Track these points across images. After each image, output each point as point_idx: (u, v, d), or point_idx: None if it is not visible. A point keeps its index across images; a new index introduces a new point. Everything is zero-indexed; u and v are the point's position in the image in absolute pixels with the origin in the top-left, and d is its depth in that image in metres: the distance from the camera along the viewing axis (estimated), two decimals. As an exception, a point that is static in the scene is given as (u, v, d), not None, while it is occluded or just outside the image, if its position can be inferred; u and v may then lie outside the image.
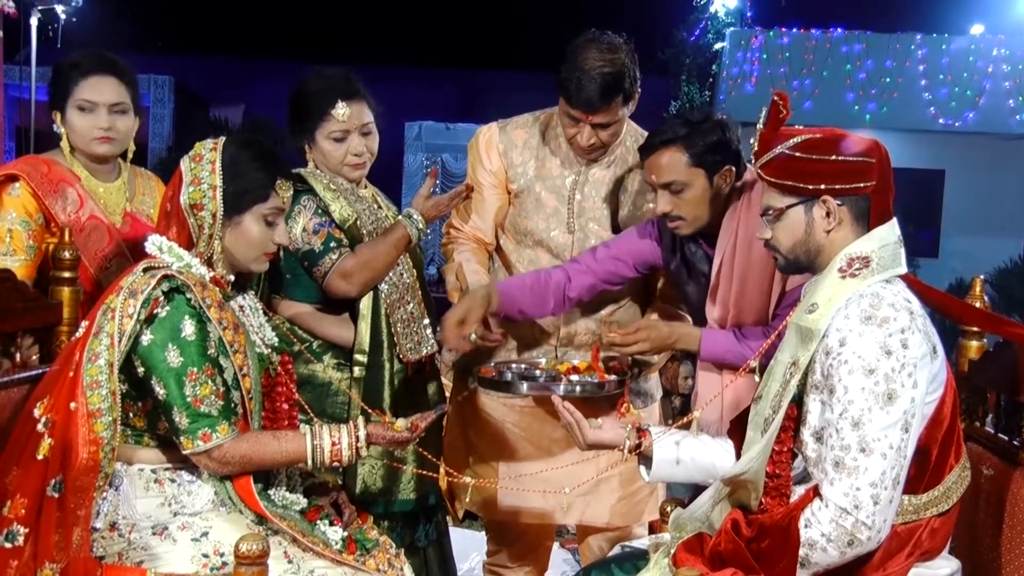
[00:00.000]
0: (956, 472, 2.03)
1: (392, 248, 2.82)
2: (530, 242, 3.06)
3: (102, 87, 2.79)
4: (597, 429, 2.38)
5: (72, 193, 2.76)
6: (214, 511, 2.24)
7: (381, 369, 2.86)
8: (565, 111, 2.88)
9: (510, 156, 3.05)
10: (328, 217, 2.81)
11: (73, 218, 2.73)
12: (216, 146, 2.31)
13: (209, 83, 17.70)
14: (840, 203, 2.03)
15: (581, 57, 2.80)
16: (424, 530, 3.02)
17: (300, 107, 2.89)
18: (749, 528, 2.00)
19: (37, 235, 2.72)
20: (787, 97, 2.09)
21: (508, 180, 3.06)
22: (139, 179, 2.99)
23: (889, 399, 1.88)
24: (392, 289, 2.88)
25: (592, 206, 3.01)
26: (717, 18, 14.15)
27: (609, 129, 2.89)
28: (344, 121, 2.83)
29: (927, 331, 1.95)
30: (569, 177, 3.01)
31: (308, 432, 2.26)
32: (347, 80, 2.88)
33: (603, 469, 2.87)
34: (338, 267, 2.76)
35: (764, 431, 2.05)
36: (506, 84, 17.19)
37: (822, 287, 2.03)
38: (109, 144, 2.82)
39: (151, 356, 2.14)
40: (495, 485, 3.04)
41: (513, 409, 3.10)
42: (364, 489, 2.84)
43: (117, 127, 2.81)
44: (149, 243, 2.27)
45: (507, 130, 3.08)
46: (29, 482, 2.09)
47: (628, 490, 3.09)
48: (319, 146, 2.87)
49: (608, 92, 2.79)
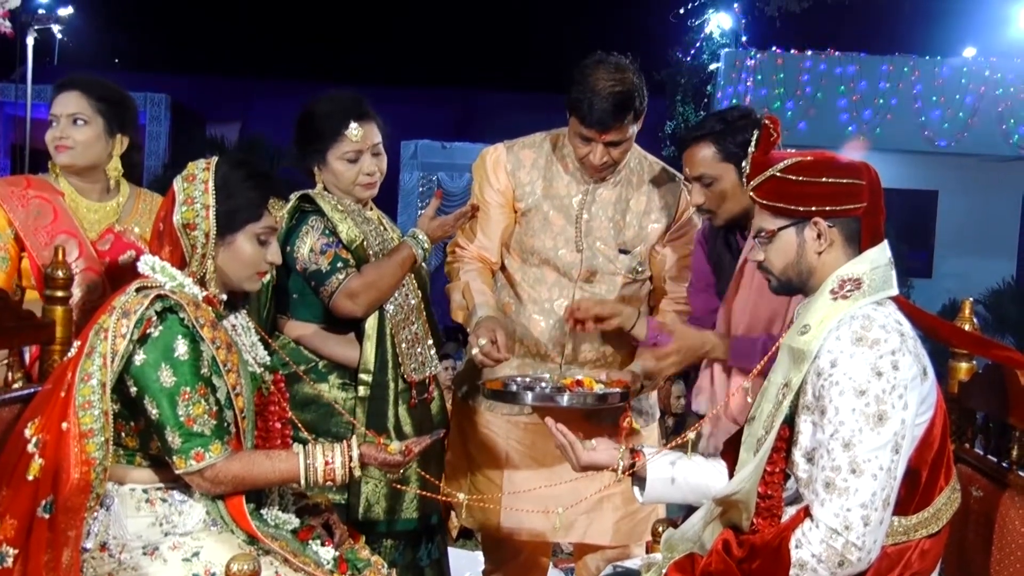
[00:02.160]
0: (946, 494, 2.03)
1: (398, 268, 2.85)
2: (536, 261, 3.07)
3: (65, 100, 2.88)
4: (591, 450, 2.38)
5: (46, 207, 2.82)
6: (205, 531, 2.23)
7: (386, 389, 2.88)
8: (577, 131, 2.92)
9: (518, 175, 3.07)
10: (335, 238, 2.83)
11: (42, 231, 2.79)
12: (209, 166, 2.32)
13: (205, 101, 17.74)
14: (831, 225, 2.04)
15: (592, 78, 2.84)
16: (426, 549, 3.03)
17: (311, 128, 2.91)
18: (740, 548, 2.00)
19: (10, 248, 2.78)
20: (778, 120, 2.12)
21: (516, 199, 3.09)
22: (140, 200, 3.02)
23: (880, 420, 1.89)
24: (397, 310, 2.90)
25: (599, 225, 3.04)
26: (712, 39, 14.23)
27: (620, 147, 2.94)
28: (357, 141, 2.87)
29: (918, 353, 1.96)
30: (576, 196, 3.05)
31: (301, 451, 2.26)
32: (358, 102, 2.92)
33: (606, 485, 2.87)
34: (344, 287, 2.78)
35: (756, 451, 2.06)
36: (502, 104, 17.26)
37: (814, 308, 2.04)
38: (66, 153, 2.86)
39: (144, 376, 2.14)
40: (498, 503, 3.04)
41: (516, 426, 3.10)
42: (368, 508, 2.85)
43: (73, 136, 2.86)
44: (142, 263, 2.27)
45: (514, 150, 3.11)
46: (19, 503, 2.08)
47: (630, 509, 3.09)
48: (331, 167, 2.89)
49: (620, 110, 2.84)
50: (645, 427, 3.15)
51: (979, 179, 13.07)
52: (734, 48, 13.80)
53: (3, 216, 2.78)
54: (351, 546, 2.44)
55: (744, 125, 2.66)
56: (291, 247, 2.82)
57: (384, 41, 20.65)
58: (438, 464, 3.06)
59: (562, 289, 3.05)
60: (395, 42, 20.68)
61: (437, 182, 15.54)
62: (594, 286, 3.04)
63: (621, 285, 3.06)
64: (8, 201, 2.79)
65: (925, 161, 13.02)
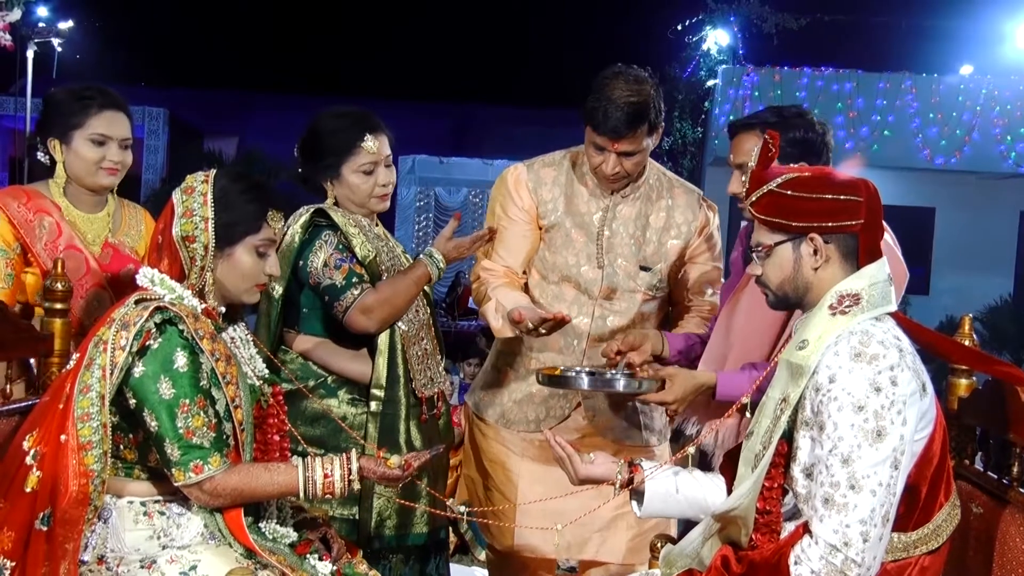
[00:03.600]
0: (946, 510, 2.03)
1: (413, 286, 2.85)
2: (555, 277, 3.07)
3: (116, 122, 2.86)
4: (589, 464, 2.38)
5: (49, 221, 2.79)
6: (203, 544, 2.23)
7: (398, 404, 2.88)
8: (591, 140, 2.93)
9: (540, 193, 3.08)
10: (350, 253, 2.84)
11: (49, 248, 2.76)
12: (207, 178, 2.32)
13: (203, 115, 17.76)
14: (827, 241, 2.04)
15: (608, 87, 2.86)
16: (435, 563, 3.03)
17: (322, 144, 2.92)
18: (739, 565, 2.00)
19: (15, 264, 2.75)
20: (777, 135, 2.12)
21: (539, 216, 3.09)
22: (126, 211, 3.02)
23: (878, 436, 1.89)
24: (409, 326, 2.91)
25: (620, 242, 3.05)
26: (710, 55, 14.25)
27: (634, 158, 2.94)
28: (374, 153, 2.89)
29: (916, 368, 1.96)
30: (597, 213, 3.05)
31: (300, 464, 2.25)
32: (370, 115, 2.94)
33: (620, 505, 2.85)
34: (359, 303, 2.78)
35: (755, 467, 2.05)
36: (500, 118, 17.30)
37: (812, 324, 2.04)
38: (114, 176, 2.88)
39: (143, 388, 2.14)
40: (511, 519, 3.04)
41: (532, 444, 3.10)
42: (379, 523, 2.85)
43: (125, 161, 2.89)
44: (141, 275, 2.27)
45: (534, 168, 3.13)
46: (16, 515, 2.08)
47: (644, 527, 3.08)
48: (346, 180, 2.90)
49: (634, 120, 2.85)
50: (658, 446, 3.15)
51: (976, 196, 13.11)
52: (732, 64, 13.84)
53: (10, 231, 2.75)
54: (348, 560, 2.43)
55: (798, 124, 2.65)
56: (304, 261, 2.82)
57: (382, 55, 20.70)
58: (444, 479, 3.06)
59: (581, 306, 3.04)
60: (393, 56, 20.74)
61: (434, 197, 15.58)
62: (614, 303, 3.04)
63: (641, 302, 3.06)
64: (16, 217, 2.76)
65: (922, 178, 13.05)
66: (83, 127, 2.82)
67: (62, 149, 2.83)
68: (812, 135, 2.65)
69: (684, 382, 2.67)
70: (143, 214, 3.07)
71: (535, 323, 2.79)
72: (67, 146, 2.82)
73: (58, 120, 2.84)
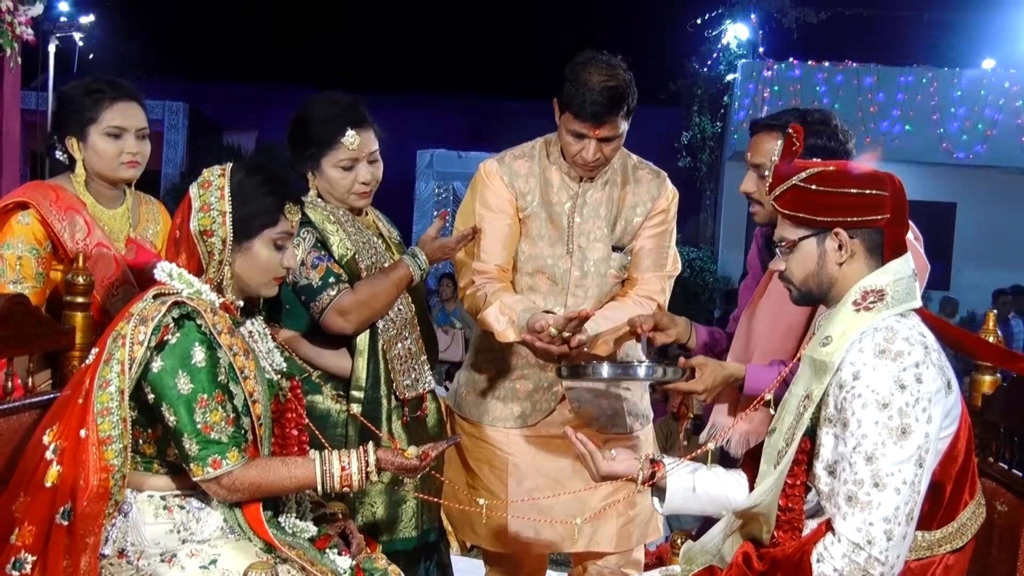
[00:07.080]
0: (971, 508, 2.01)
1: (392, 287, 2.78)
2: (530, 268, 3.05)
3: (130, 113, 2.82)
4: (611, 460, 2.37)
5: (80, 220, 2.75)
6: (223, 538, 2.23)
7: (379, 405, 2.81)
8: (570, 128, 2.90)
9: (516, 185, 3.06)
10: (327, 251, 2.77)
11: (81, 245, 2.72)
12: (224, 172, 2.31)
13: (223, 109, 17.83)
14: (852, 236, 2.02)
15: (584, 74, 2.85)
16: (425, 567, 2.98)
17: (305, 134, 2.85)
18: (760, 562, 1.98)
19: (45, 263, 2.72)
20: (801, 130, 2.10)
21: (520, 208, 3.07)
22: (143, 205, 2.99)
23: (903, 434, 1.87)
24: (389, 325, 2.84)
25: (593, 227, 3.04)
26: (729, 50, 14.22)
27: (612, 143, 2.93)
28: (354, 149, 2.80)
29: (942, 366, 1.94)
30: (568, 202, 3.03)
31: (318, 458, 2.26)
32: (355, 108, 2.85)
33: (609, 494, 2.86)
34: (336, 304, 2.72)
35: (777, 464, 2.04)
36: (517, 112, 17.25)
37: (836, 320, 2.02)
38: (135, 169, 2.85)
39: (161, 383, 2.14)
40: (504, 514, 3.03)
41: (518, 438, 3.09)
42: (364, 528, 2.76)
43: (144, 152, 2.86)
44: (159, 270, 2.27)
45: (506, 161, 3.10)
46: (37, 510, 2.08)
47: (632, 514, 3.10)
48: (326, 174, 2.83)
49: (614, 104, 2.84)
50: (642, 430, 3.15)
51: (997, 191, 13.04)
52: (751, 59, 13.81)
53: (42, 230, 2.71)
54: (368, 555, 2.43)
55: (821, 131, 2.61)
56: None
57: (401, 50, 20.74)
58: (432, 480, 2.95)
59: (556, 297, 3.02)
60: (412, 51, 20.77)
61: (453, 191, 15.54)
62: (586, 289, 3.02)
63: (611, 285, 3.05)
64: (48, 215, 2.71)
65: (943, 173, 12.99)
66: (98, 121, 2.78)
67: (79, 147, 2.79)
68: (834, 144, 2.61)
69: (714, 372, 2.65)
70: (159, 207, 3.05)
71: (559, 327, 2.73)
72: (84, 143, 2.79)
73: (72, 117, 2.80)
